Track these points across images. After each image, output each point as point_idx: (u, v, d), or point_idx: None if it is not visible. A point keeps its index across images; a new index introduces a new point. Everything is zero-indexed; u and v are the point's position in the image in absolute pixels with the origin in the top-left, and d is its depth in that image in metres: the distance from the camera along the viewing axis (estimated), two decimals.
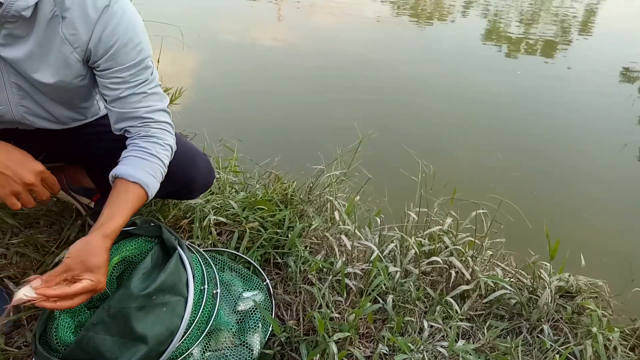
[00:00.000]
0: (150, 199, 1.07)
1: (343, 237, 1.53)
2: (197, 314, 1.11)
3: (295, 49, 5.27)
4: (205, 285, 1.17)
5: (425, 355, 1.23)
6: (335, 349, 1.15)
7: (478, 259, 1.60)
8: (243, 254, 1.45)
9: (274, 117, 3.51)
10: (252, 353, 1.17)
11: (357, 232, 1.57)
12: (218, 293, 1.19)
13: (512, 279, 1.56)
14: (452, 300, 1.43)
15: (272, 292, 1.35)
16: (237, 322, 1.22)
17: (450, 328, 1.34)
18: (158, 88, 1.09)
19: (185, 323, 1.06)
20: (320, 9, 7.12)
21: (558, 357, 1.28)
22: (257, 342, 1.19)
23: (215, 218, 1.53)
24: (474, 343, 1.34)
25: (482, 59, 5.27)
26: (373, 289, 1.37)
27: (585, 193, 2.85)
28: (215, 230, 1.51)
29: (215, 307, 1.16)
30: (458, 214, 1.68)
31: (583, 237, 2.40)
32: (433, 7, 7.88)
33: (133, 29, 0.99)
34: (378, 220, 1.73)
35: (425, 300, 1.46)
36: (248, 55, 4.85)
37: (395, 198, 1.90)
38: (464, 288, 1.47)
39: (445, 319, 1.39)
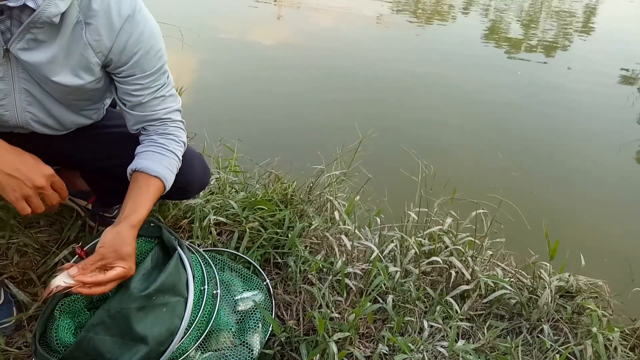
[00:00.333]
0: (166, 191, 1.13)
1: (343, 237, 1.53)
2: (197, 315, 1.11)
3: (296, 49, 5.27)
4: (205, 286, 1.17)
5: (425, 355, 1.23)
6: (335, 349, 1.15)
7: (478, 259, 1.60)
8: (243, 254, 1.45)
9: (274, 117, 3.51)
10: (252, 353, 1.17)
11: (357, 232, 1.57)
12: (218, 293, 1.19)
13: (512, 279, 1.56)
14: (452, 300, 1.43)
15: (272, 292, 1.35)
16: (237, 322, 1.22)
17: (450, 328, 1.34)
18: (173, 89, 1.15)
19: (185, 323, 1.06)
20: (320, 9, 7.12)
21: (558, 357, 1.28)
22: (257, 342, 1.19)
23: (215, 218, 1.53)
24: (474, 343, 1.34)
25: (482, 59, 5.27)
26: (373, 289, 1.37)
27: (585, 193, 2.85)
28: (215, 230, 1.51)
29: (215, 307, 1.16)
30: (458, 214, 1.68)
31: (583, 237, 2.40)
32: (433, 7, 7.88)
33: (154, 37, 1.04)
34: (378, 220, 1.73)
35: (425, 300, 1.46)
36: (248, 55, 4.85)
37: (395, 198, 1.90)
38: (464, 288, 1.47)
39: (445, 319, 1.40)
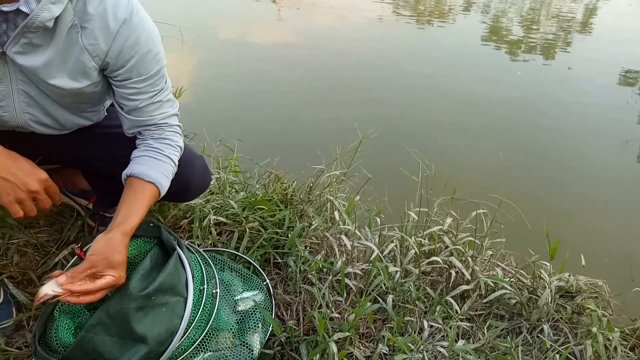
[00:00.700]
0: (162, 197, 1.11)
1: (343, 237, 1.53)
2: (196, 314, 1.11)
3: (295, 49, 5.27)
4: (205, 286, 1.17)
5: (425, 355, 1.23)
6: (335, 349, 1.15)
7: (478, 259, 1.60)
8: (243, 254, 1.45)
9: (274, 117, 3.51)
10: (252, 353, 1.17)
11: (357, 232, 1.57)
12: (218, 293, 1.19)
13: (512, 279, 1.56)
14: (452, 300, 1.43)
15: (272, 292, 1.35)
16: (237, 322, 1.22)
17: (450, 328, 1.34)
18: (171, 94, 1.13)
19: (185, 323, 1.06)
20: (321, 9, 7.12)
21: (558, 357, 1.28)
22: (257, 342, 1.19)
23: (215, 218, 1.53)
24: (474, 343, 1.34)
25: (482, 59, 5.27)
26: (373, 289, 1.37)
27: (585, 193, 2.85)
28: (215, 230, 1.51)
29: (215, 307, 1.16)
30: (458, 214, 1.68)
31: (583, 237, 2.40)
32: (433, 7, 7.88)
33: (152, 41, 1.02)
34: (378, 220, 1.73)
35: (425, 300, 1.46)
36: (248, 55, 4.85)
37: (395, 198, 1.90)
38: (464, 288, 1.47)
39: (445, 319, 1.39)
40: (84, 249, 1.18)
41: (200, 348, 1.12)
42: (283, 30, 6.04)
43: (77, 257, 1.17)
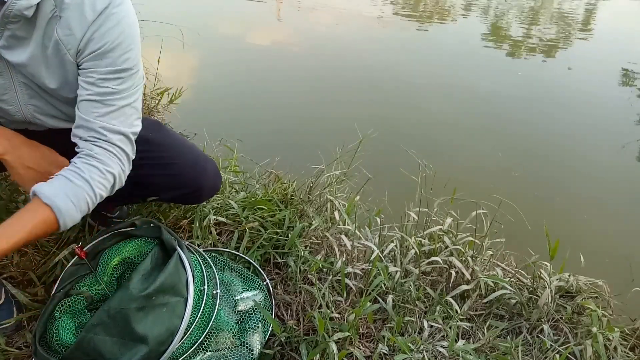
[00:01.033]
0: (64, 229, 0.94)
1: (343, 237, 1.53)
2: (197, 315, 1.11)
3: (296, 49, 5.27)
4: (205, 286, 1.17)
5: (425, 355, 1.23)
6: (335, 349, 1.15)
7: (478, 259, 1.60)
8: (243, 254, 1.45)
9: (274, 117, 3.51)
10: (252, 353, 1.17)
11: (357, 232, 1.57)
12: (218, 293, 1.19)
13: (512, 279, 1.56)
14: (452, 300, 1.43)
15: (272, 292, 1.35)
16: (237, 322, 1.22)
17: (450, 328, 1.34)
18: (132, 110, 1.01)
19: (185, 323, 1.06)
20: (321, 9, 7.12)
21: (558, 357, 1.28)
22: (257, 342, 1.19)
23: (215, 218, 1.53)
24: (474, 343, 1.34)
25: (482, 60, 5.27)
26: (373, 289, 1.37)
27: (585, 193, 2.85)
28: (215, 230, 1.51)
29: (215, 307, 1.16)
30: (458, 214, 1.68)
31: (583, 237, 2.40)
32: (433, 7, 7.88)
33: (125, 37, 0.96)
34: (378, 220, 1.73)
35: (425, 300, 1.46)
36: (248, 55, 4.84)
37: (395, 198, 1.90)
38: (464, 288, 1.47)
39: (445, 319, 1.40)
40: (85, 249, 1.18)
41: (201, 348, 1.12)
42: (283, 30, 6.04)
43: (77, 257, 1.17)
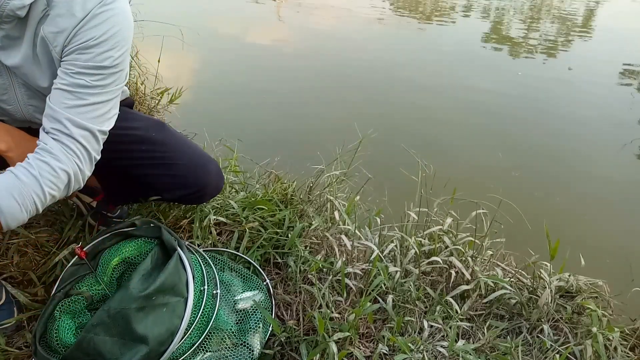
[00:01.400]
0: (7, 229, 0.89)
1: (343, 237, 1.53)
2: (197, 315, 1.11)
3: (296, 49, 5.27)
4: (205, 286, 1.17)
5: (425, 355, 1.23)
6: (335, 349, 1.15)
7: (478, 259, 1.60)
8: (243, 254, 1.45)
9: (274, 117, 3.51)
10: (252, 353, 1.17)
11: (357, 232, 1.57)
12: (218, 293, 1.19)
13: (512, 279, 1.56)
14: (452, 300, 1.43)
15: (272, 292, 1.35)
16: (237, 322, 1.22)
17: (450, 328, 1.34)
18: (105, 108, 0.98)
19: (185, 324, 1.06)
20: (321, 9, 7.12)
21: (558, 357, 1.28)
22: (257, 342, 1.19)
23: (215, 218, 1.53)
24: (474, 343, 1.34)
25: (482, 60, 5.27)
26: (373, 289, 1.37)
27: (585, 193, 2.85)
28: (215, 230, 1.51)
29: (215, 307, 1.16)
30: (458, 214, 1.68)
31: (583, 237, 2.40)
32: (434, 7, 7.88)
33: (112, 35, 0.94)
34: (378, 220, 1.73)
35: (425, 300, 1.46)
36: (248, 55, 4.85)
37: (395, 198, 1.90)
38: (464, 288, 1.47)
39: (445, 319, 1.40)
40: (85, 249, 1.18)
41: (201, 348, 1.12)
42: (283, 30, 6.04)
43: (77, 257, 1.17)
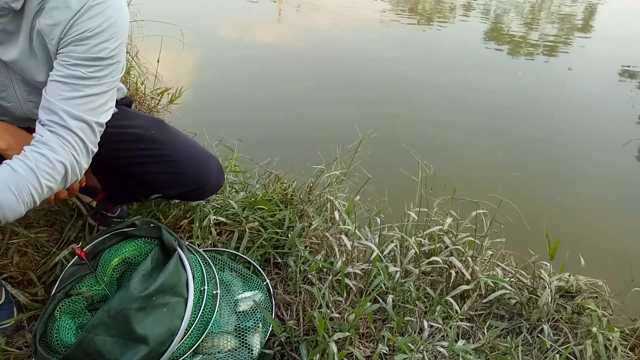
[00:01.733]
0: (5, 222, 0.89)
1: (343, 237, 1.53)
2: (197, 315, 1.11)
3: (296, 49, 5.27)
4: (205, 286, 1.17)
5: (425, 355, 1.23)
6: (335, 349, 1.15)
7: (478, 259, 1.60)
8: (243, 254, 1.45)
9: (274, 117, 3.51)
10: (252, 353, 1.17)
11: (357, 232, 1.57)
12: (218, 293, 1.19)
13: (512, 279, 1.56)
14: (452, 300, 1.43)
15: (272, 292, 1.35)
16: (237, 322, 1.22)
17: (450, 328, 1.34)
18: (101, 100, 0.98)
19: (186, 324, 1.06)
20: (321, 9, 7.11)
21: (558, 357, 1.28)
22: (257, 342, 1.19)
23: (215, 218, 1.53)
24: (474, 343, 1.34)
25: (482, 60, 5.27)
26: (373, 289, 1.37)
27: (585, 193, 2.85)
28: (215, 230, 1.51)
29: (215, 307, 1.16)
30: (458, 214, 1.68)
31: (583, 237, 2.40)
32: (434, 7, 7.88)
33: (107, 27, 0.94)
34: (378, 220, 1.73)
35: (425, 300, 1.46)
36: (248, 55, 4.85)
37: (395, 198, 1.90)
38: (464, 288, 1.47)
39: (445, 319, 1.39)
40: (85, 249, 1.18)
41: (201, 348, 1.12)
42: (283, 30, 6.04)
43: (77, 257, 1.17)
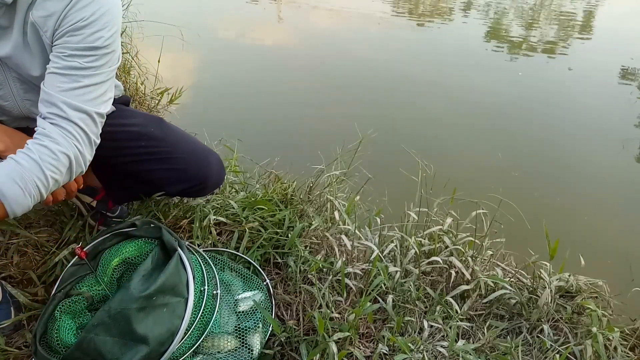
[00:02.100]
0: (14, 216, 0.89)
1: (343, 237, 1.53)
2: (197, 315, 1.11)
3: (295, 49, 5.27)
4: (206, 286, 1.17)
5: (425, 355, 1.23)
6: (335, 349, 1.15)
7: (478, 259, 1.60)
8: (243, 254, 1.45)
9: (274, 117, 3.51)
10: (252, 353, 1.17)
11: (357, 232, 1.57)
12: (218, 294, 1.19)
13: (512, 279, 1.56)
14: (452, 300, 1.43)
15: (272, 292, 1.35)
16: (237, 322, 1.22)
17: (450, 328, 1.34)
18: (101, 90, 0.98)
19: (186, 324, 1.06)
20: (321, 9, 7.11)
21: (558, 357, 1.28)
22: (257, 342, 1.19)
23: (215, 218, 1.53)
24: (474, 343, 1.34)
25: (482, 60, 5.27)
26: (373, 289, 1.37)
27: (585, 193, 2.85)
28: (215, 230, 1.51)
29: (216, 307, 1.16)
30: (458, 214, 1.68)
31: (583, 237, 2.40)
32: (433, 7, 7.88)
33: (101, 15, 0.94)
34: (378, 220, 1.73)
35: (425, 300, 1.46)
36: (248, 55, 4.85)
37: (395, 198, 1.90)
38: (464, 288, 1.47)
39: (445, 319, 1.40)
40: (85, 249, 1.18)
41: (201, 348, 1.12)
42: (283, 30, 6.04)
43: (77, 257, 1.17)
